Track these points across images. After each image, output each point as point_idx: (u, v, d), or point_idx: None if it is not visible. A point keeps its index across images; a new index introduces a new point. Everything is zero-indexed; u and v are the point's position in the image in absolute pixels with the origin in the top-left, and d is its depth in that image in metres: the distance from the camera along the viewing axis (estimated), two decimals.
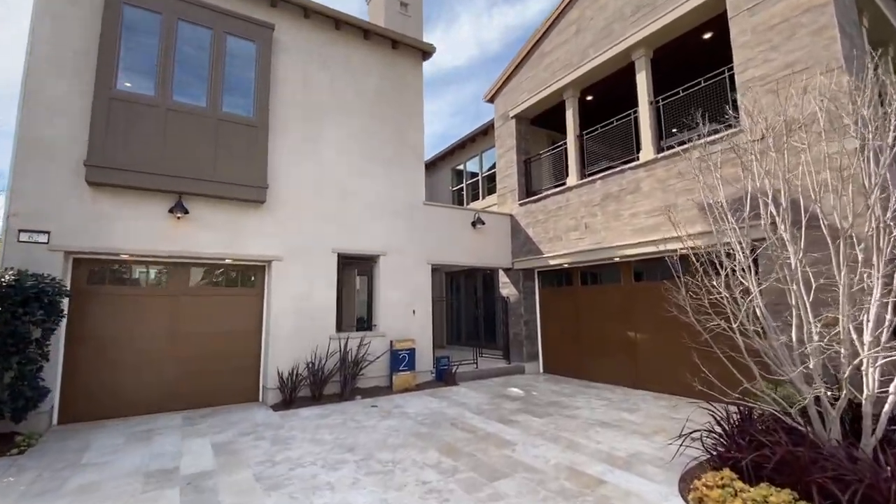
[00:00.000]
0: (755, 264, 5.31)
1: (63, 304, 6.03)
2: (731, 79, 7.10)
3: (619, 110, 9.45)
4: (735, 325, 4.11)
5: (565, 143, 10.35)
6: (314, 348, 8.03)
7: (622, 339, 8.81)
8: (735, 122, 6.00)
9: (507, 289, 11.45)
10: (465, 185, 16.03)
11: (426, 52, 10.25)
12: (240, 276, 8.14)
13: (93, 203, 6.65)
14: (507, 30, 55.97)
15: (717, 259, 4.53)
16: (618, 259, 8.69)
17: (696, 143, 5.49)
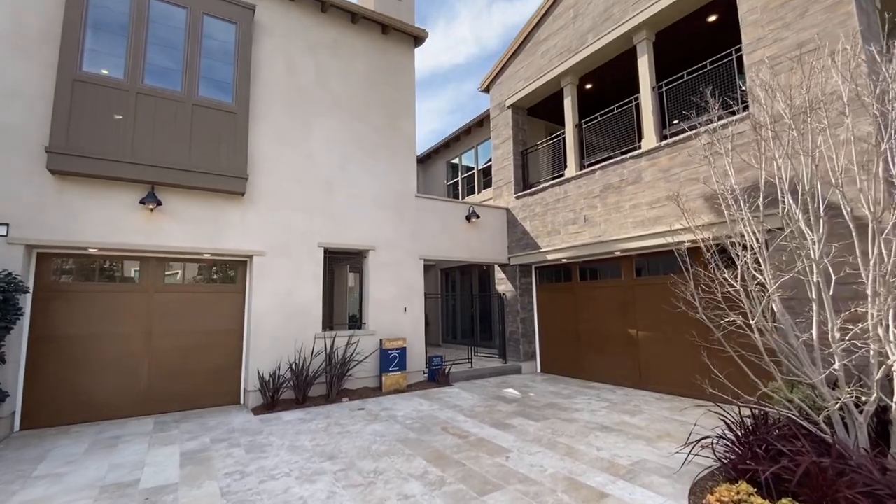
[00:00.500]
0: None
1: (21, 301, 5.59)
2: (739, 61, 6.69)
3: (619, 99, 9.04)
4: (753, 322, 3.69)
5: (563, 133, 9.93)
6: (299, 348, 7.60)
7: (623, 338, 8.41)
8: (752, 101, 5.59)
9: (503, 285, 11.03)
10: (461, 178, 15.60)
11: (418, 38, 9.81)
12: (220, 272, 7.70)
13: (57, 193, 6.20)
14: (507, 27, 55.57)
15: (733, 250, 4.12)
16: (618, 253, 8.28)
17: (706, 126, 5.06)
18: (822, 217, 3.79)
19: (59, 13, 6.36)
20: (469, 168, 15.22)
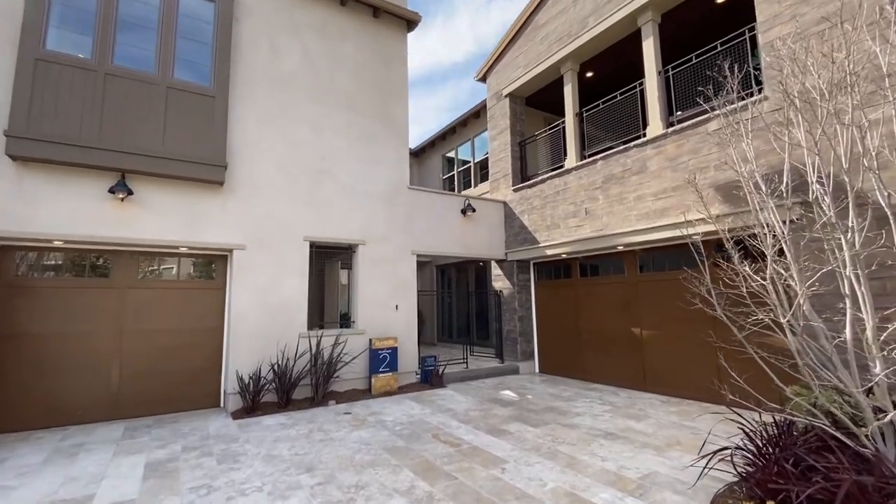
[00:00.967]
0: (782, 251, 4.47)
1: None
2: (752, 41, 6.25)
3: (622, 87, 8.58)
4: (785, 320, 3.25)
5: (563, 123, 9.47)
6: (282, 348, 7.14)
7: (626, 336, 7.98)
8: (767, 81, 5.14)
9: (500, 282, 10.59)
10: (457, 172, 15.14)
11: (411, 22, 9.33)
12: (198, 267, 7.24)
13: (17, 181, 5.72)
14: (506, 25, 54.89)
15: (751, 242, 3.68)
16: (621, 247, 7.84)
17: (723, 107, 4.61)
18: (869, 203, 3.34)
19: None
20: (465, 162, 14.76)
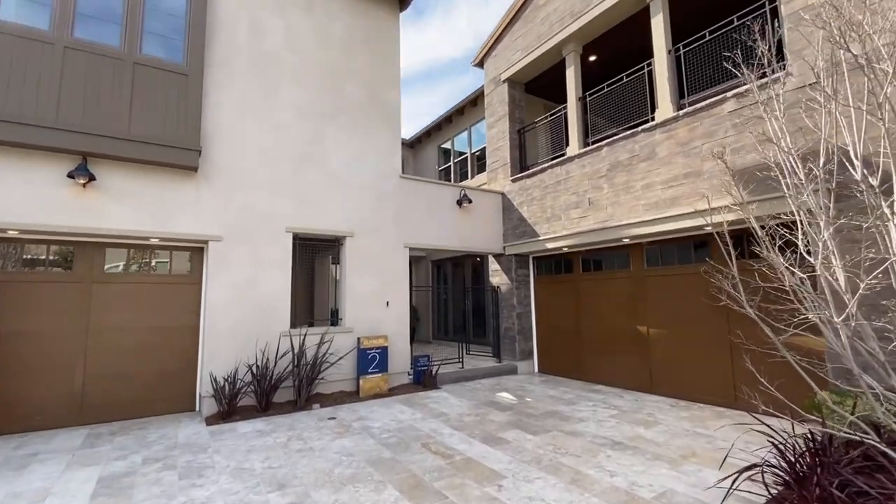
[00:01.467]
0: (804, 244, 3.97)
1: None
2: (774, 12, 5.73)
3: (627, 69, 8.05)
4: (839, 320, 2.75)
5: (565, 109, 8.94)
6: (262, 347, 6.63)
7: (631, 335, 7.49)
8: (792, 56, 4.62)
9: (497, 277, 10.08)
10: (453, 163, 14.60)
11: (403, 0, 8.77)
12: (171, 261, 6.71)
13: None
14: None
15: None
16: (627, 240, 7.34)
17: (749, 83, 4.10)
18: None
19: None
20: (462, 153, 14.22)
